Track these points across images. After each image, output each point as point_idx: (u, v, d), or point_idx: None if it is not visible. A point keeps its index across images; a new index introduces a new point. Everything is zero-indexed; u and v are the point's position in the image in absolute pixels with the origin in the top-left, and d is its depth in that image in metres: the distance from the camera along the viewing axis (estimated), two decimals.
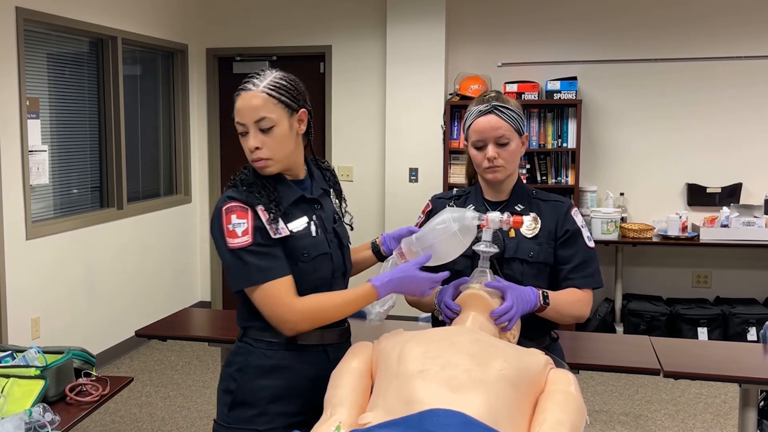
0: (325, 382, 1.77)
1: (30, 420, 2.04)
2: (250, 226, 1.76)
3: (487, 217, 1.85)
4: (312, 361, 1.85)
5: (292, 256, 1.80)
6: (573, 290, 2.00)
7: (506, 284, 1.86)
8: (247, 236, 1.75)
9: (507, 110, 1.99)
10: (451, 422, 1.38)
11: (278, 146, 1.81)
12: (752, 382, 2.47)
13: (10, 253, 4.09)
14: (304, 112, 1.89)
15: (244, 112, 1.81)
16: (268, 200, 1.80)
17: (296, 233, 1.82)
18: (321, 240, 1.87)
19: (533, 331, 2.02)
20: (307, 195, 1.90)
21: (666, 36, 5.42)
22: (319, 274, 1.85)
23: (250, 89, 1.81)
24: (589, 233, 2.07)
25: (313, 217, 1.88)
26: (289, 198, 1.85)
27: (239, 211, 1.77)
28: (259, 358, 1.82)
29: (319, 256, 1.85)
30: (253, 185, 1.82)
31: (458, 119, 5.58)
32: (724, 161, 5.41)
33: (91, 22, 4.73)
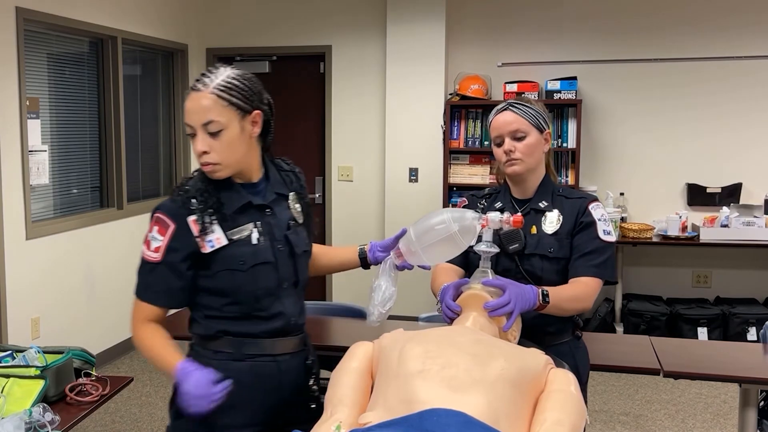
0: (274, 394, 1.79)
1: (30, 420, 2.04)
2: (164, 245, 1.73)
3: (486, 217, 1.86)
4: (261, 372, 1.80)
5: (229, 264, 1.76)
6: (576, 282, 2.01)
7: (506, 282, 1.86)
8: (157, 254, 1.74)
9: (523, 107, 2.06)
10: (451, 422, 1.38)
11: (228, 151, 1.74)
12: (752, 382, 2.47)
13: (10, 253, 4.09)
14: (258, 113, 1.80)
15: (192, 113, 1.73)
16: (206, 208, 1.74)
17: (236, 241, 1.76)
18: (264, 248, 1.80)
19: (554, 327, 2.06)
20: (255, 201, 1.82)
21: (666, 36, 5.42)
22: (260, 284, 1.79)
23: (199, 89, 1.73)
24: (608, 227, 2.07)
25: (258, 224, 1.81)
26: (234, 204, 1.79)
27: (161, 225, 1.74)
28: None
29: (259, 265, 1.78)
30: (196, 191, 1.76)
31: (458, 119, 5.58)
32: (724, 161, 5.41)
33: (91, 22, 4.73)
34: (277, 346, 1.83)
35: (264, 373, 1.81)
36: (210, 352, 1.80)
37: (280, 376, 1.82)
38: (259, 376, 1.80)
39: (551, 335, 2.06)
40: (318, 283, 6.08)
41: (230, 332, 1.80)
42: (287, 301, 1.85)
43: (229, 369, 1.77)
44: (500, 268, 2.03)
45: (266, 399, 1.81)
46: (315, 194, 6.06)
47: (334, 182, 5.96)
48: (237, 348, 1.79)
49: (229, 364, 1.78)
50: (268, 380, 1.81)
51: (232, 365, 1.78)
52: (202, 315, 1.82)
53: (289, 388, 1.85)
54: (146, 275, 1.77)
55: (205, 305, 1.82)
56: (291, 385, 1.86)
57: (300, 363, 1.89)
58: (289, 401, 1.86)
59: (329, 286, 6.03)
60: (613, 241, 2.08)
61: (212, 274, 1.77)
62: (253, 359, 1.80)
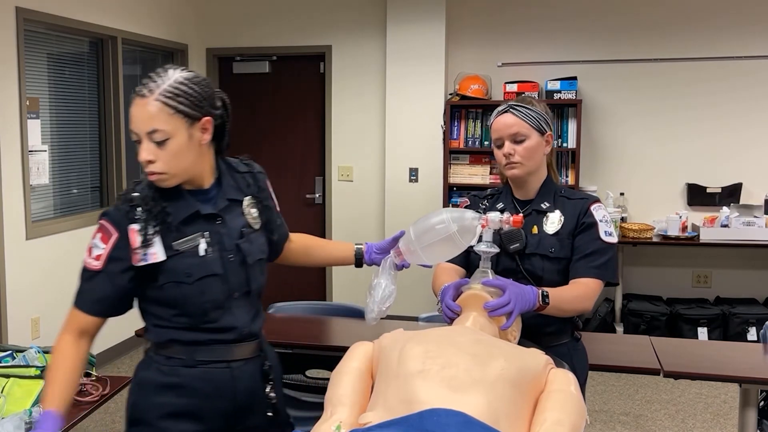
0: (229, 401, 1.77)
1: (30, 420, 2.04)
2: (105, 254, 1.67)
3: (486, 217, 1.86)
4: (213, 378, 1.76)
5: (175, 277, 1.70)
6: (576, 284, 2.01)
7: (506, 282, 1.86)
8: (97, 262, 1.68)
9: (524, 109, 2.06)
10: (451, 422, 1.38)
11: (174, 160, 1.65)
12: (752, 382, 2.47)
13: (10, 253, 4.09)
14: (208, 120, 1.69)
15: (136, 121, 1.65)
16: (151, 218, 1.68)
17: (182, 252, 1.70)
18: (212, 260, 1.73)
19: (553, 327, 2.06)
20: (203, 210, 1.74)
21: (666, 36, 5.42)
22: (207, 296, 1.73)
23: (144, 95, 1.65)
24: (610, 228, 2.07)
25: (207, 234, 1.73)
26: (181, 214, 1.71)
27: (104, 233, 1.68)
28: (155, 373, 1.75)
29: (207, 277, 1.72)
30: (141, 199, 1.69)
31: (458, 119, 5.58)
32: (724, 161, 5.41)
33: (91, 22, 4.73)
34: (231, 352, 1.78)
35: (217, 379, 1.76)
36: (162, 357, 1.76)
37: (234, 382, 1.77)
38: (212, 383, 1.75)
39: (550, 336, 2.06)
40: (318, 283, 6.08)
41: (181, 341, 1.75)
42: (238, 311, 1.79)
43: (180, 375, 1.74)
44: (501, 268, 2.03)
45: (220, 406, 1.76)
46: (315, 194, 6.06)
47: (334, 182, 5.96)
48: (189, 354, 1.75)
49: (180, 370, 1.74)
50: (221, 387, 1.76)
51: (183, 371, 1.74)
52: (152, 323, 1.78)
53: (244, 394, 1.80)
54: (84, 283, 1.71)
55: (154, 314, 1.77)
56: (246, 392, 1.81)
57: (256, 369, 1.84)
58: (245, 408, 1.81)
59: (329, 286, 6.03)
60: (615, 242, 2.08)
61: (159, 285, 1.71)
62: (206, 365, 1.75)
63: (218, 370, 1.76)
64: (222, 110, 1.77)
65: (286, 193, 6.12)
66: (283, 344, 2.85)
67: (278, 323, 3.11)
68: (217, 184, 1.79)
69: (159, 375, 1.75)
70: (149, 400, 1.75)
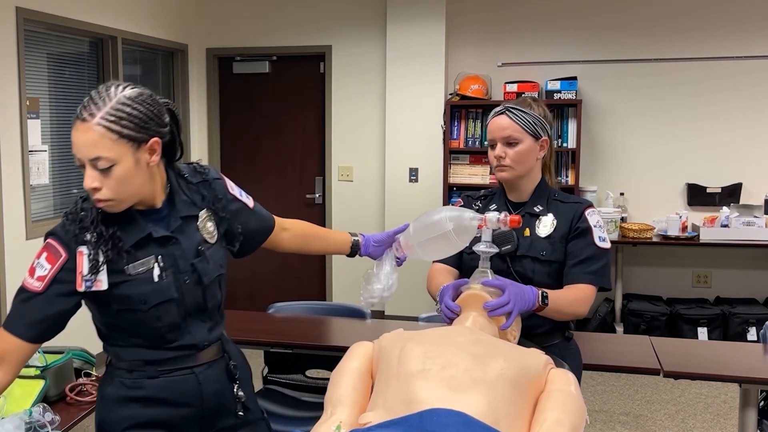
0: (197, 407, 1.75)
1: (30, 420, 2.04)
2: (50, 276, 1.58)
3: (485, 217, 1.86)
4: (178, 386, 1.72)
5: (128, 304, 1.63)
6: (573, 287, 2.01)
7: (506, 282, 1.86)
8: (39, 284, 1.58)
9: (520, 112, 2.05)
10: (451, 422, 1.38)
11: (121, 186, 1.56)
12: (752, 382, 2.47)
13: (10, 253, 4.09)
14: (156, 141, 1.59)
15: (78, 146, 1.54)
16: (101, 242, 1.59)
17: (135, 278, 1.62)
18: (166, 285, 1.66)
19: (544, 328, 2.05)
20: (156, 233, 1.65)
21: (666, 36, 5.42)
22: (164, 321, 1.67)
23: (85, 119, 1.53)
24: (603, 234, 2.07)
25: (160, 257, 1.65)
26: (132, 237, 1.63)
27: (51, 253, 1.59)
28: (118, 387, 1.71)
29: (162, 303, 1.65)
30: (91, 221, 1.60)
31: (458, 119, 5.58)
32: (724, 161, 5.41)
33: (91, 22, 4.73)
34: (193, 359, 1.74)
35: (182, 386, 1.72)
36: (123, 371, 1.72)
37: (200, 387, 1.74)
38: (178, 391, 1.72)
39: (541, 336, 2.05)
40: (318, 283, 6.08)
41: (140, 358, 1.71)
42: (195, 329, 1.74)
43: (145, 387, 1.70)
44: (492, 269, 2.03)
45: (188, 412, 1.74)
46: (315, 194, 6.06)
47: (334, 182, 5.96)
48: (150, 367, 1.70)
49: (144, 383, 1.70)
50: (187, 393, 1.73)
51: (147, 383, 1.70)
52: (109, 343, 1.75)
53: (211, 398, 1.77)
54: (20, 304, 1.60)
55: (109, 335, 1.73)
56: (213, 395, 1.78)
57: (221, 370, 1.81)
58: (214, 411, 1.79)
59: (329, 286, 6.03)
60: (609, 247, 2.08)
61: (111, 312, 1.65)
62: (169, 374, 1.71)
63: (182, 377, 1.73)
64: (171, 124, 1.67)
65: (286, 193, 6.12)
66: (283, 344, 2.85)
67: (278, 323, 3.11)
68: (169, 201, 1.71)
69: (123, 389, 1.71)
70: (115, 415, 1.71)
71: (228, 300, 1.84)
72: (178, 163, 1.77)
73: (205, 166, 1.83)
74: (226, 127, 6.18)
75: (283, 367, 3.11)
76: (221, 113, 6.16)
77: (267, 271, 6.01)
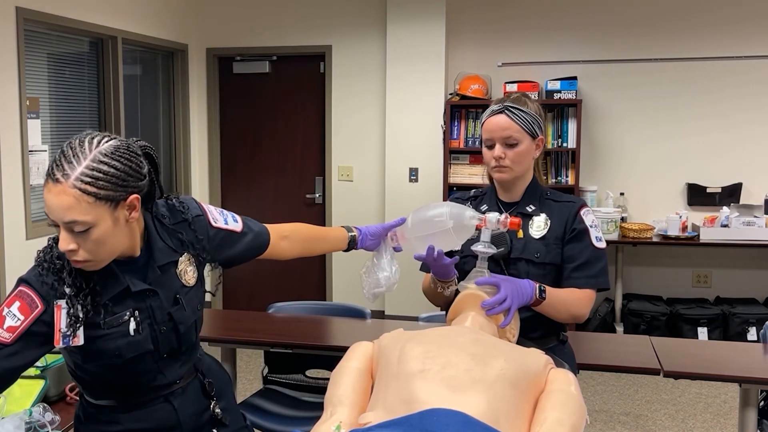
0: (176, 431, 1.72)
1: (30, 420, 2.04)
2: (22, 328, 1.48)
3: (485, 217, 1.85)
4: (154, 416, 1.68)
5: (102, 358, 1.57)
6: (573, 292, 1.99)
7: (499, 278, 1.85)
8: (8, 335, 1.48)
9: (519, 112, 2.01)
10: (451, 422, 1.38)
11: (99, 248, 1.48)
12: (752, 382, 2.47)
13: (10, 253, 4.09)
14: (135, 197, 1.50)
15: (52, 209, 1.45)
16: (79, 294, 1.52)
17: (110, 333, 1.56)
18: (143, 339, 1.60)
19: (538, 331, 2.03)
20: (134, 287, 1.59)
21: (666, 36, 5.42)
22: (139, 368, 1.62)
23: (59, 181, 1.41)
24: (599, 234, 2.05)
25: (136, 312, 1.59)
26: (110, 291, 1.56)
27: (26, 303, 1.50)
28: (95, 423, 1.68)
29: (137, 356, 1.60)
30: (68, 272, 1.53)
31: (458, 119, 5.58)
32: (724, 161, 5.41)
33: (91, 22, 4.73)
34: (167, 388, 1.70)
35: (158, 415, 1.68)
36: (96, 407, 1.67)
37: (177, 413, 1.71)
38: (154, 420, 1.68)
39: (536, 341, 1.99)
40: (318, 283, 6.08)
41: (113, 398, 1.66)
42: (168, 369, 1.69)
43: (120, 421, 1.65)
44: None
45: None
46: (315, 194, 6.06)
47: (334, 182, 5.96)
48: (124, 403, 1.66)
49: (119, 416, 1.65)
50: (164, 420, 1.69)
51: (122, 417, 1.65)
52: (80, 382, 1.69)
53: (189, 419, 1.74)
54: None
55: (81, 378, 1.67)
56: (191, 417, 1.75)
57: (196, 390, 1.78)
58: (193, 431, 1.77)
59: (329, 286, 6.03)
60: (605, 246, 2.05)
61: (84, 364, 1.59)
62: (144, 406, 1.67)
63: (158, 406, 1.69)
64: (149, 171, 1.57)
65: (286, 193, 6.12)
66: (283, 344, 2.85)
67: (278, 323, 3.11)
68: (147, 248, 1.62)
69: (98, 424, 1.67)
70: None
71: (228, 300, 1.83)
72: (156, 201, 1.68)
73: (184, 202, 1.73)
74: (226, 127, 6.18)
75: (283, 367, 3.12)
76: (221, 113, 6.16)
77: (267, 271, 6.01)
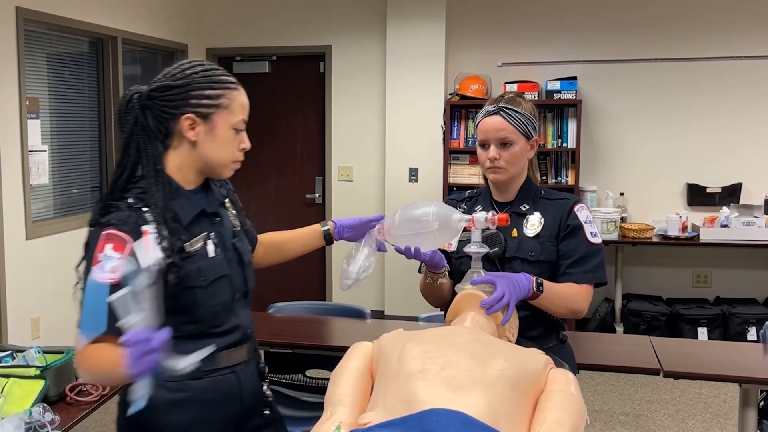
0: (237, 406, 1.75)
1: (30, 420, 2.04)
2: (123, 263, 1.51)
3: (472, 218, 1.85)
4: (221, 387, 1.73)
5: (188, 281, 1.62)
6: (571, 287, 1.99)
7: (494, 275, 1.84)
8: (115, 274, 1.50)
9: (514, 112, 2.01)
10: (451, 422, 1.38)
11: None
12: (752, 382, 2.47)
13: (10, 253, 4.08)
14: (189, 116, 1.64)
15: None
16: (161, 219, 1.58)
17: (192, 254, 1.63)
18: (220, 260, 1.69)
19: (537, 329, 2.03)
20: (208, 209, 1.70)
21: (666, 36, 5.42)
22: (218, 299, 1.69)
23: None
24: (594, 229, 2.04)
25: (212, 234, 1.69)
26: (188, 214, 1.65)
27: (117, 242, 1.53)
28: (161, 391, 1.61)
29: (218, 279, 1.68)
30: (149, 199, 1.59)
31: (458, 119, 5.58)
32: (724, 161, 5.41)
33: (91, 22, 4.73)
34: (233, 357, 1.75)
35: (225, 386, 1.74)
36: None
37: (240, 386, 1.76)
38: (221, 391, 1.73)
39: (535, 340, 1.98)
40: (318, 283, 6.08)
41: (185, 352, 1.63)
42: (241, 312, 1.77)
43: (189, 389, 1.68)
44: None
45: (229, 412, 1.74)
46: (315, 194, 6.06)
47: (334, 182, 5.96)
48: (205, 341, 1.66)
49: (188, 384, 1.67)
50: (230, 393, 1.74)
51: (191, 384, 1.68)
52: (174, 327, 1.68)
53: (249, 397, 1.80)
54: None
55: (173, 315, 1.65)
56: (250, 394, 1.81)
57: (254, 369, 1.84)
58: (249, 410, 1.81)
59: (329, 286, 6.03)
60: (601, 242, 2.05)
61: (167, 295, 1.60)
62: (213, 374, 1.71)
63: (224, 377, 1.74)
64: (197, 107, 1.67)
65: (286, 193, 6.12)
66: (283, 344, 2.86)
67: (278, 323, 3.11)
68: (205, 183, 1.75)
69: (166, 392, 1.66)
70: (165, 420, 1.67)
71: None
72: None
73: None
74: None
75: (283, 367, 3.11)
76: None
77: (267, 271, 5.96)
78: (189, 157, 1.66)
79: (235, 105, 1.67)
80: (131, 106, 1.64)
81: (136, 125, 1.63)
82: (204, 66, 1.67)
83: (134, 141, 1.64)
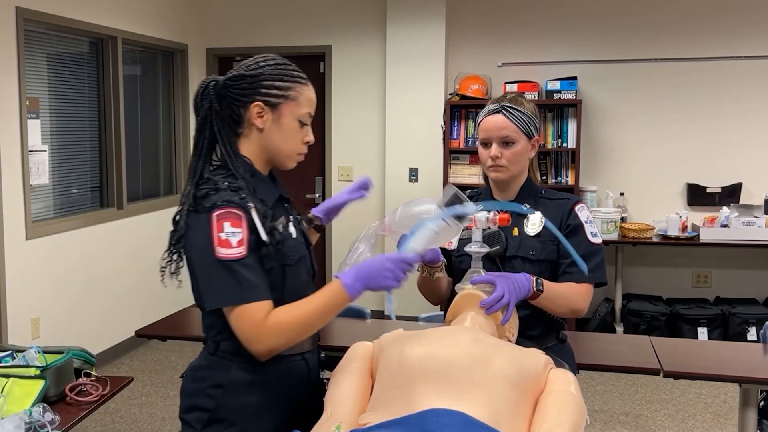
0: (305, 392, 1.78)
1: (30, 420, 2.04)
2: (245, 237, 1.59)
3: (474, 217, 1.85)
4: (292, 372, 1.76)
5: (280, 260, 1.67)
6: (571, 286, 2.00)
7: (493, 275, 1.85)
8: (242, 248, 1.58)
9: (516, 111, 2.02)
10: (451, 422, 1.38)
11: None
12: (752, 382, 2.47)
13: (10, 253, 4.08)
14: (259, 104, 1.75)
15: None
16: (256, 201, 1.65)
17: (281, 233, 1.70)
18: (300, 242, 1.78)
19: (537, 329, 2.03)
20: (284, 194, 1.80)
21: (666, 36, 5.43)
22: (300, 277, 1.75)
23: None
24: (594, 229, 2.06)
25: (291, 217, 1.79)
26: (271, 197, 1.73)
27: (233, 218, 1.59)
28: (239, 373, 1.69)
29: (301, 258, 1.76)
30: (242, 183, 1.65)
31: (458, 119, 5.58)
32: (724, 161, 5.41)
33: (91, 22, 4.73)
34: (304, 344, 1.77)
35: (298, 371, 1.77)
36: (241, 358, 1.67)
37: (309, 373, 1.80)
38: (293, 376, 1.76)
39: (534, 340, 1.99)
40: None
41: None
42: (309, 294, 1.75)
43: (266, 371, 1.69)
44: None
45: (298, 396, 1.78)
46: (315, 194, 6.06)
47: (334, 182, 5.96)
48: None
49: (266, 367, 1.68)
50: (300, 378, 1.78)
51: (269, 367, 1.69)
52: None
53: (314, 383, 1.85)
54: (247, 274, 1.58)
55: None
56: (315, 381, 1.86)
57: (317, 358, 1.89)
58: (312, 397, 1.84)
59: None
60: (601, 241, 2.06)
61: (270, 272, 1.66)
62: (288, 359, 1.73)
63: (296, 362, 1.77)
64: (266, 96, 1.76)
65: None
66: None
67: None
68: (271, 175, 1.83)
69: (244, 374, 1.69)
70: (238, 401, 1.69)
71: None
72: None
73: None
74: None
75: None
76: None
77: None
78: (258, 146, 1.73)
79: (303, 98, 1.76)
80: (207, 93, 1.71)
81: (210, 110, 1.70)
82: (277, 60, 1.82)
83: (208, 125, 1.71)
